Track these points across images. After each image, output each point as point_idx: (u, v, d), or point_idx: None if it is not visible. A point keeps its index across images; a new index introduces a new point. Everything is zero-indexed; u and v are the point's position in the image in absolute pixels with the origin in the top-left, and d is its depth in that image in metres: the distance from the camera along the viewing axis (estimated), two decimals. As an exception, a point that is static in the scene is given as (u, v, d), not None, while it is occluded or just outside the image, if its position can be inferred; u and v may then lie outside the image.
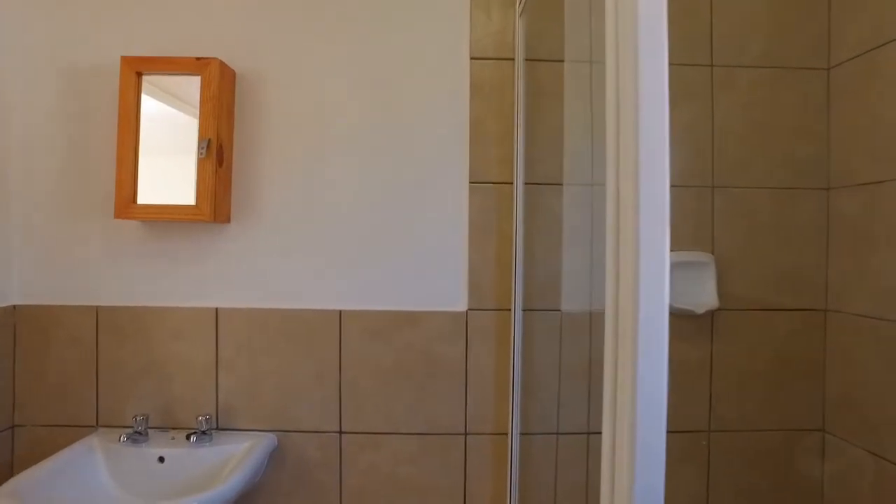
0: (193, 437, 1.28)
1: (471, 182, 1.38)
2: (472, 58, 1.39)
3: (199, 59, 1.25)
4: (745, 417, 1.39)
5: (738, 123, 1.40)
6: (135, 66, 1.26)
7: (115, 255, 1.37)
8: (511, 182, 1.37)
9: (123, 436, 1.27)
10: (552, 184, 1.36)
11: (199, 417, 1.29)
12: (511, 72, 1.38)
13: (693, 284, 1.36)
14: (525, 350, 1.34)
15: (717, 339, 1.39)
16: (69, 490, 1.13)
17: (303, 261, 1.38)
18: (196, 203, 1.26)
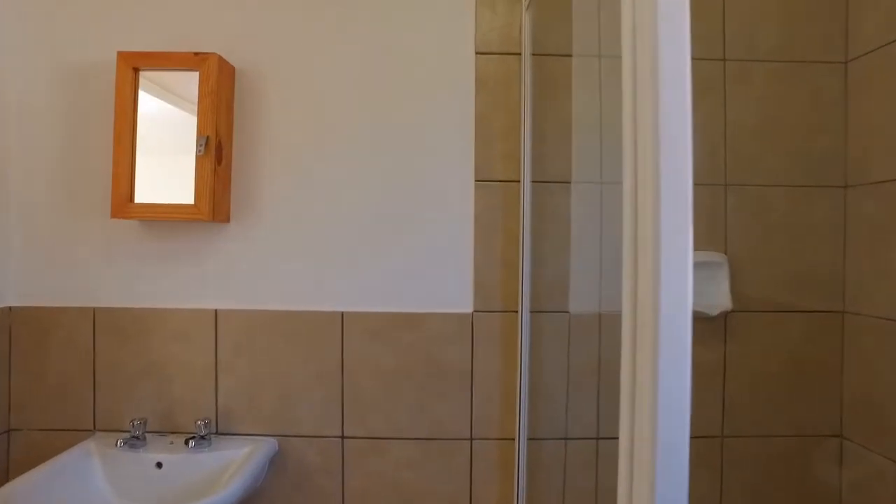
0: (192, 442, 1.25)
1: (476, 180, 1.35)
2: (478, 52, 1.35)
3: (198, 54, 1.22)
4: (760, 422, 1.35)
5: (752, 119, 1.36)
6: (131, 62, 1.23)
7: (113, 256, 1.34)
8: (518, 180, 1.34)
9: (121, 441, 1.24)
10: (560, 182, 1.33)
11: (198, 421, 1.27)
12: (517, 67, 1.35)
13: (706, 285, 1.32)
14: (532, 352, 1.30)
15: (731, 342, 1.35)
16: (65, 496, 1.12)
17: (303, 261, 1.35)
18: (194, 202, 1.23)
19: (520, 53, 1.35)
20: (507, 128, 1.35)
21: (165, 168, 1.27)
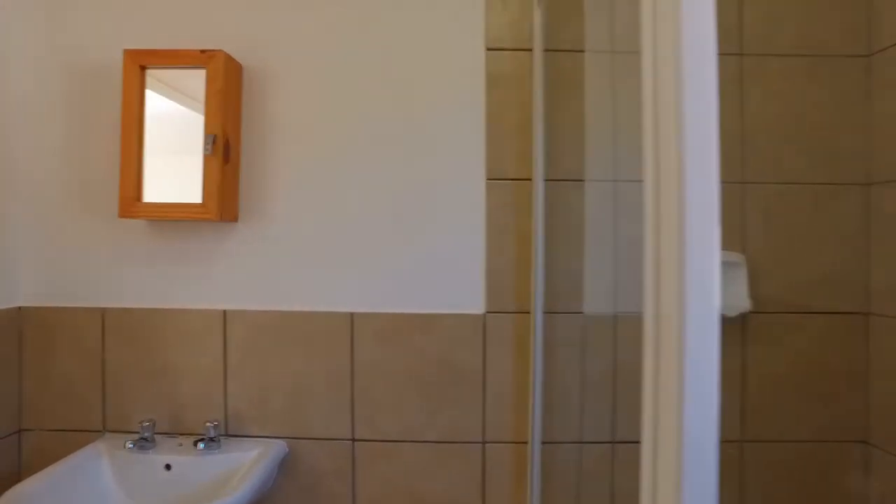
0: (201, 444, 1.24)
1: (488, 179, 1.33)
2: (489, 49, 1.33)
3: (204, 52, 1.21)
4: (781, 427, 1.31)
5: (771, 116, 1.32)
6: (138, 60, 1.22)
7: (121, 256, 1.33)
8: (530, 178, 1.31)
9: (129, 442, 1.24)
10: (574, 180, 1.30)
11: (207, 423, 1.26)
12: (529, 63, 1.32)
13: (723, 286, 1.29)
14: (546, 354, 1.27)
15: (750, 344, 1.31)
16: (74, 497, 1.11)
17: (312, 261, 1.33)
18: (202, 201, 1.22)
19: (531, 49, 1.32)
20: (519, 125, 1.32)
21: (173, 167, 1.26)
